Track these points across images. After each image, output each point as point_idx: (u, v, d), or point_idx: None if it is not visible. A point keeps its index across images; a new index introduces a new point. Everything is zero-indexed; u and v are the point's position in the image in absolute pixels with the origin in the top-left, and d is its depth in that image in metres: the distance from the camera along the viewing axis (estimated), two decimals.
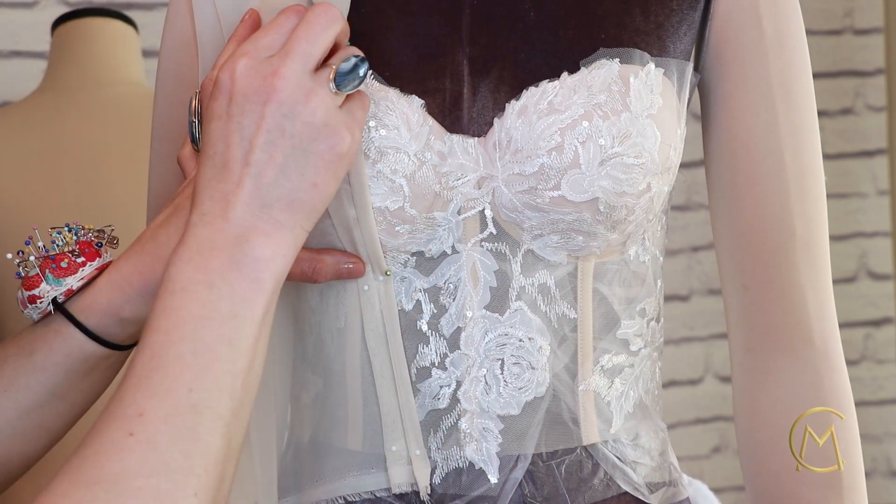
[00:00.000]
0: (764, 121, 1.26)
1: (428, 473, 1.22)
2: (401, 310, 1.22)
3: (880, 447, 3.28)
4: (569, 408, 1.24)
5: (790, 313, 1.28)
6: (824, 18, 3.17)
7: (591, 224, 1.19)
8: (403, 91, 1.20)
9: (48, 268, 1.19)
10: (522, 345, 1.22)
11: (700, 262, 3.15)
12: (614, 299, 1.25)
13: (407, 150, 1.19)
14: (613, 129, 1.18)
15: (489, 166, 1.20)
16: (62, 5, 2.64)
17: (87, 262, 1.19)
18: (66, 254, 1.19)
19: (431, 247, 1.21)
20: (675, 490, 1.30)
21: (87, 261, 1.19)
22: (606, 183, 1.18)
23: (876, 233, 3.23)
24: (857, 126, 3.21)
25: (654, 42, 1.23)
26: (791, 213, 1.27)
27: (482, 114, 1.20)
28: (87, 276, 1.19)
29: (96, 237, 1.21)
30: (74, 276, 1.19)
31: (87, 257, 1.20)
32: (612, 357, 1.26)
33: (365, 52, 1.15)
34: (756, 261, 1.28)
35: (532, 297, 1.22)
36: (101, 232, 1.22)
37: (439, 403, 1.22)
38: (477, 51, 1.21)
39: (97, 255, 1.20)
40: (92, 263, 1.20)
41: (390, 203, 1.18)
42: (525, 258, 1.21)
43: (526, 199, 1.19)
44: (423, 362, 1.22)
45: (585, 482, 1.24)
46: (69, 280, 1.19)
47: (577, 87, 1.19)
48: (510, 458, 1.22)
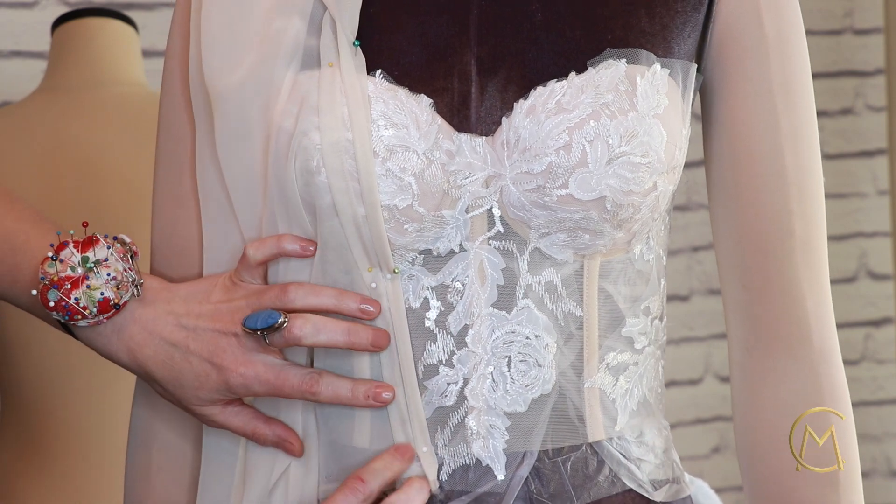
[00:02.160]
0: (764, 121, 1.27)
1: (435, 470, 1.22)
2: (408, 307, 1.22)
3: (880, 447, 3.28)
4: (574, 405, 1.24)
5: (789, 313, 1.28)
6: (824, 18, 3.17)
7: (598, 222, 1.20)
8: (412, 90, 1.21)
9: (63, 312, 1.23)
10: (529, 342, 1.22)
11: (700, 262, 3.15)
12: (619, 298, 1.26)
13: (416, 149, 1.19)
14: (621, 128, 1.18)
15: (497, 165, 1.20)
16: (62, 5, 2.64)
17: (100, 314, 1.24)
18: (82, 311, 1.23)
19: (439, 245, 1.21)
20: (678, 487, 1.30)
21: (100, 313, 1.24)
22: (614, 182, 1.18)
23: (876, 233, 3.23)
24: (856, 126, 3.21)
25: (660, 43, 1.23)
26: (791, 213, 1.27)
27: (490, 113, 1.21)
28: (93, 323, 1.25)
29: (118, 296, 1.24)
30: (84, 321, 1.24)
31: (102, 312, 1.24)
32: (617, 355, 1.26)
33: (374, 51, 1.16)
34: (755, 261, 1.28)
35: (539, 295, 1.22)
36: (127, 280, 1.25)
37: (446, 400, 1.22)
38: (485, 51, 1.22)
39: (109, 311, 1.24)
40: (105, 314, 1.24)
41: (399, 201, 1.19)
42: (532, 256, 1.22)
43: (534, 197, 1.19)
44: (430, 360, 1.22)
45: (591, 479, 1.25)
46: (79, 323, 1.24)
47: (584, 86, 1.19)
48: (517, 455, 1.23)
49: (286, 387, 1.21)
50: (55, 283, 1.22)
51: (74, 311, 1.22)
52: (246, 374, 1.21)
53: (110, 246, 1.24)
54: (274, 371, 1.21)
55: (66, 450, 2.10)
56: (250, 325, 1.20)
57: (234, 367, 1.21)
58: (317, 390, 1.21)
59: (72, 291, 1.22)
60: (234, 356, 1.22)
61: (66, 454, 2.10)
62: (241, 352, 1.22)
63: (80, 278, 1.22)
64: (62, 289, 1.22)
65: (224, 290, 1.24)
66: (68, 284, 1.22)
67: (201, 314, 1.23)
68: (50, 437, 2.09)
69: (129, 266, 1.24)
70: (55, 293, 1.22)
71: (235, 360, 1.21)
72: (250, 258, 1.22)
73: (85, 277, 1.22)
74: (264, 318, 1.20)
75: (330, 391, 1.21)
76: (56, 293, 1.22)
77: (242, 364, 1.21)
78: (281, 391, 1.21)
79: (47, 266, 1.23)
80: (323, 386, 1.21)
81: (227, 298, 1.23)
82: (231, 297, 1.23)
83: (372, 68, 1.21)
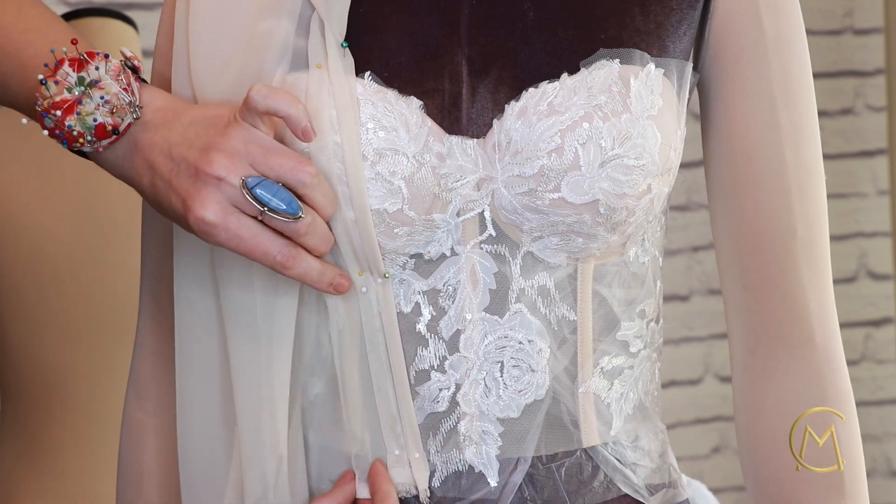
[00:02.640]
0: (764, 120, 1.26)
1: (427, 476, 1.22)
2: (399, 312, 1.21)
3: (880, 447, 3.28)
4: (569, 410, 1.24)
5: (791, 313, 1.28)
6: (824, 18, 3.17)
7: (591, 226, 1.19)
8: (402, 92, 1.20)
9: (60, 137, 1.17)
10: (522, 347, 1.21)
11: (700, 262, 3.15)
12: (614, 301, 1.25)
13: (405, 152, 1.18)
14: (614, 130, 1.17)
15: (488, 168, 1.20)
16: (62, 5, 2.64)
17: (100, 139, 1.17)
18: (80, 134, 1.17)
19: (430, 249, 1.21)
20: (674, 492, 1.30)
21: (97, 139, 1.17)
22: (607, 185, 1.18)
23: (876, 233, 3.24)
24: (857, 126, 3.21)
25: (654, 42, 1.23)
26: (792, 212, 1.27)
27: (481, 115, 1.20)
28: (99, 148, 1.18)
29: (114, 118, 1.17)
30: (87, 146, 1.18)
31: (99, 137, 1.17)
32: (611, 359, 1.25)
33: (363, 52, 1.15)
34: (756, 260, 1.28)
35: (532, 300, 1.21)
36: (122, 104, 1.18)
37: (438, 406, 1.22)
38: (476, 51, 1.21)
39: (108, 136, 1.18)
40: (108, 139, 1.18)
41: (389, 205, 1.18)
42: (524, 260, 1.21)
43: (526, 200, 1.18)
44: (422, 365, 1.22)
45: (585, 484, 1.24)
46: (83, 148, 1.18)
47: (577, 88, 1.18)
48: (510, 461, 1.22)
49: (258, 250, 1.14)
50: (49, 109, 1.16)
51: (71, 138, 1.16)
52: (216, 224, 1.13)
53: (104, 64, 1.17)
54: (251, 231, 1.14)
55: (66, 450, 2.11)
56: (259, 193, 1.13)
57: (202, 213, 1.13)
58: (291, 265, 1.14)
59: (65, 118, 1.16)
60: (211, 202, 1.13)
61: (66, 454, 2.10)
62: (220, 199, 1.13)
63: (73, 102, 1.16)
64: (55, 114, 1.15)
65: (229, 126, 1.15)
66: (59, 112, 1.15)
67: (193, 145, 1.15)
68: (50, 438, 2.10)
69: (126, 86, 1.17)
70: (51, 119, 1.16)
71: (210, 207, 1.13)
72: (254, 102, 1.15)
73: (78, 102, 1.16)
74: (280, 197, 1.13)
75: (301, 269, 1.15)
76: (52, 119, 1.16)
77: (217, 213, 1.13)
78: (251, 252, 1.14)
79: (43, 89, 1.16)
80: (297, 263, 1.15)
81: (226, 137, 1.14)
82: (231, 139, 1.14)
83: (361, 70, 1.20)
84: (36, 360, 2.10)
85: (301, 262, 1.15)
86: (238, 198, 1.13)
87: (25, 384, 2.12)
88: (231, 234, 1.13)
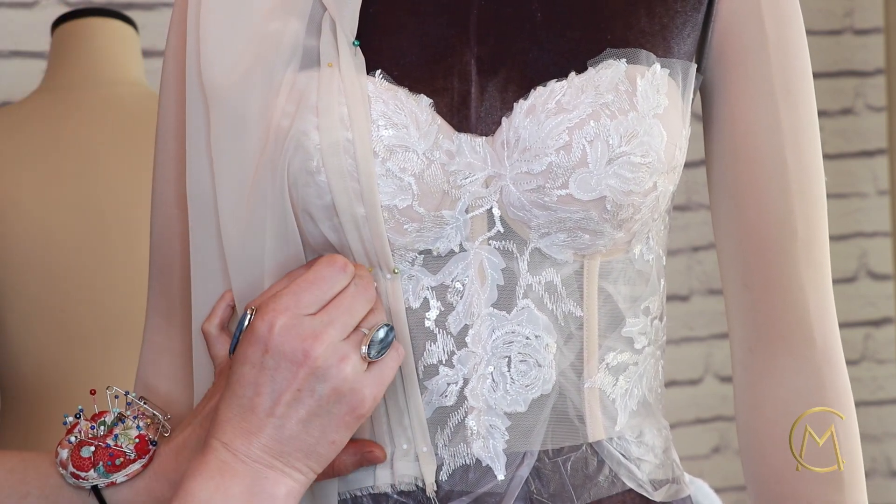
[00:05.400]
0: (765, 121, 1.27)
1: (434, 470, 1.22)
2: (408, 308, 1.22)
3: (880, 447, 3.28)
4: (574, 405, 1.24)
5: (791, 312, 1.28)
6: (824, 18, 3.17)
7: (598, 222, 1.20)
8: (412, 90, 1.21)
9: (103, 460, 1.22)
10: (529, 342, 1.22)
11: (700, 262, 3.15)
12: (619, 298, 1.26)
13: (415, 149, 1.19)
14: (621, 128, 1.18)
15: (497, 165, 1.20)
16: (62, 5, 2.64)
17: (139, 458, 1.23)
18: (122, 451, 1.22)
19: (439, 245, 1.22)
20: (678, 487, 1.30)
21: (138, 458, 1.23)
22: (614, 182, 1.19)
23: (876, 233, 3.23)
24: (857, 126, 3.21)
25: (660, 43, 1.24)
26: (792, 212, 1.27)
27: (490, 113, 1.21)
28: (132, 474, 1.23)
29: (153, 433, 1.24)
30: (123, 471, 1.23)
31: (139, 453, 1.23)
32: (617, 355, 1.26)
33: (374, 51, 1.16)
34: (757, 260, 1.28)
35: (539, 295, 1.22)
36: (156, 420, 1.25)
37: (446, 401, 1.22)
38: (485, 51, 1.22)
39: (147, 451, 1.23)
40: (142, 460, 1.23)
41: (399, 201, 1.19)
42: (532, 256, 1.22)
43: (534, 197, 1.19)
44: (430, 360, 1.22)
45: (591, 479, 1.25)
46: (117, 475, 1.23)
47: (584, 86, 1.19)
48: (517, 455, 1.23)
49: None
50: (83, 443, 1.22)
51: (117, 453, 1.22)
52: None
53: (126, 412, 1.24)
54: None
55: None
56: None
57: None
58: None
59: (106, 438, 1.22)
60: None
61: None
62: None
63: (107, 434, 1.23)
64: (92, 441, 1.22)
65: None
66: (97, 440, 1.23)
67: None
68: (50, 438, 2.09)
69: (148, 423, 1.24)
70: (88, 449, 1.22)
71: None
72: (209, 332, 1.24)
73: (111, 432, 1.23)
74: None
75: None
76: (89, 449, 1.22)
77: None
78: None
79: (65, 441, 1.23)
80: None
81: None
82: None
83: (371, 68, 1.21)
84: (36, 360, 2.10)
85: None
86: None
87: (25, 384, 2.12)
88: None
